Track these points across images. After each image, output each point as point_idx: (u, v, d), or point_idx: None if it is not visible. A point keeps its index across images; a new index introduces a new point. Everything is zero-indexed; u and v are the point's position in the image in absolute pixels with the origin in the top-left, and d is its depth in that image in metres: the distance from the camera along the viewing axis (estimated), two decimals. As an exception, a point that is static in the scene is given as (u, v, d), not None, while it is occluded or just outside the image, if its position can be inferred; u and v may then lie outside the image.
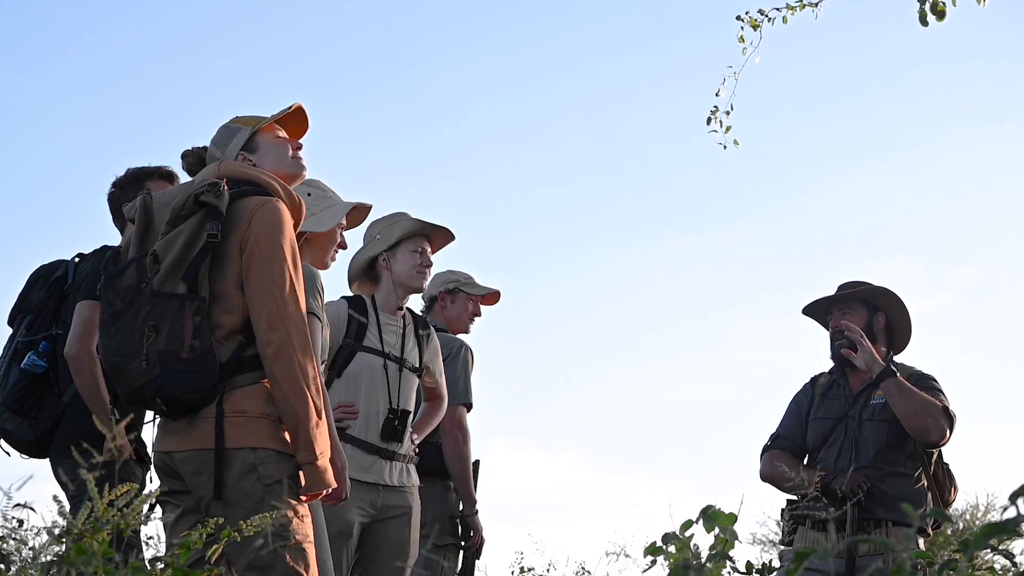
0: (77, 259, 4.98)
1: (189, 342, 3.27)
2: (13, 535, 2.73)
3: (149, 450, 3.60)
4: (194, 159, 3.76)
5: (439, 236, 5.17)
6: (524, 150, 18.15)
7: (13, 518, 2.91)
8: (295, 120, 3.82)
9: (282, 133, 3.78)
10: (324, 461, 3.43)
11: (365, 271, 5.12)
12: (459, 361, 5.53)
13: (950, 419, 5.06)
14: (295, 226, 3.57)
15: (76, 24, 16.45)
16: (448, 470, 5.52)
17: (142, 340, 3.28)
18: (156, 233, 3.44)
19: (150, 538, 8.12)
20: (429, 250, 5.11)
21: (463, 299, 5.93)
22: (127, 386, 3.35)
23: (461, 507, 5.59)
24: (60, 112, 17.05)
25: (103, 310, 3.43)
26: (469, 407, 5.56)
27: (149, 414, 3.60)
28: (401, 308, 5.05)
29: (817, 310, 5.47)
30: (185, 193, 3.39)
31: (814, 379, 5.50)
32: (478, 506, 5.60)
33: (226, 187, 3.42)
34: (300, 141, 3.82)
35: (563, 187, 18.13)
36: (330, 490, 3.51)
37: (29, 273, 5.08)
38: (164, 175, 4.99)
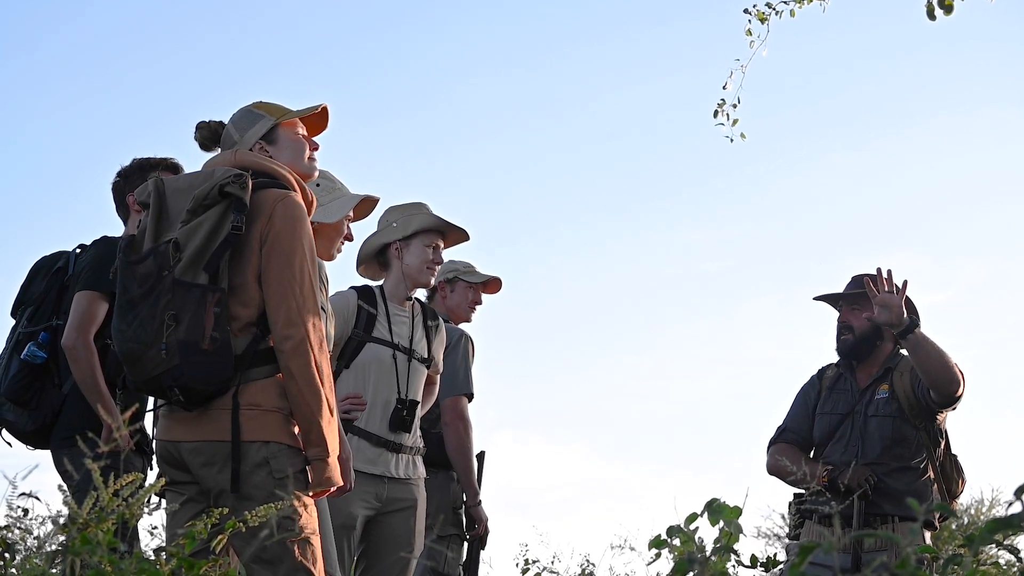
0: (78, 250, 4.97)
1: (210, 333, 3.27)
2: (18, 524, 2.74)
3: (150, 440, 3.59)
4: (209, 132, 3.72)
5: (453, 234, 5.16)
6: (532, 143, 18.13)
7: (18, 507, 2.92)
8: (315, 116, 3.80)
9: (302, 130, 3.75)
10: (334, 459, 3.44)
11: (375, 255, 5.11)
12: (459, 351, 5.51)
13: (962, 373, 5.04)
14: None
15: (74, 15, 16.45)
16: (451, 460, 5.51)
17: (162, 328, 3.27)
18: (169, 219, 3.44)
19: (154, 528, 8.11)
20: (442, 246, 5.10)
21: (462, 288, 5.92)
22: (142, 374, 3.34)
23: (464, 498, 5.58)
24: (61, 103, 17.06)
25: (119, 295, 3.41)
26: (470, 397, 5.54)
27: (149, 404, 3.58)
28: (410, 299, 5.05)
29: (829, 298, 5.46)
30: (209, 183, 3.37)
31: (821, 371, 5.48)
32: (482, 497, 5.59)
33: (250, 180, 3.41)
34: (317, 140, 3.81)
35: (570, 180, 18.12)
36: (334, 488, 3.52)
37: (31, 264, 5.07)
38: (169, 167, 4.97)
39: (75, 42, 16.67)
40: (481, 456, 5.64)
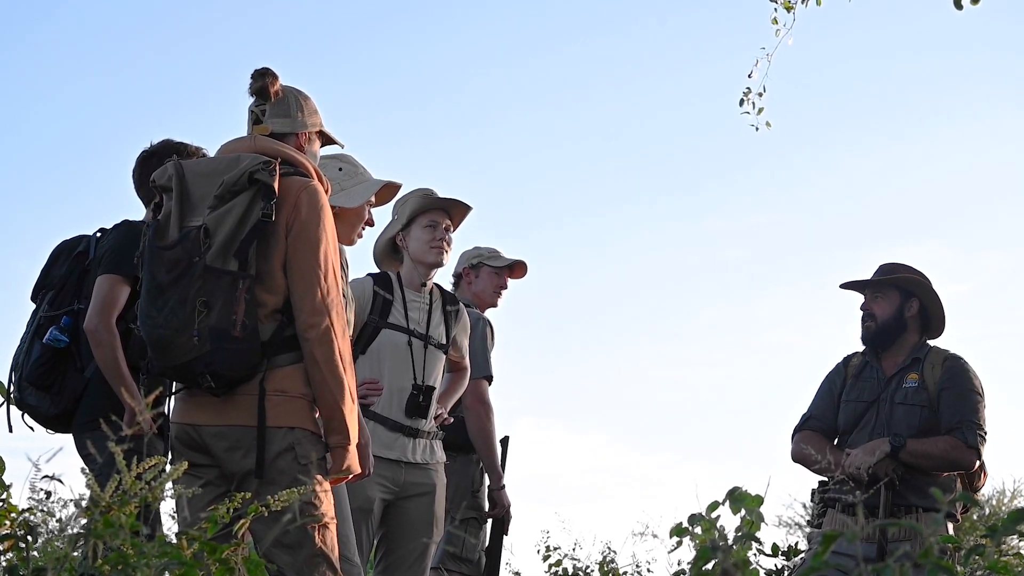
0: (99, 234, 4.97)
1: (241, 320, 3.29)
2: (41, 507, 2.74)
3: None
4: (260, 89, 3.66)
5: (458, 210, 5.14)
6: (558, 132, 18.11)
7: (41, 489, 2.93)
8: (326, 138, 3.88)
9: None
10: (354, 446, 3.47)
11: (390, 251, 5.13)
12: (477, 334, 5.50)
13: (975, 443, 5.00)
14: None
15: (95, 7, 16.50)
16: (472, 444, 5.50)
17: (193, 315, 3.29)
18: (191, 203, 3.44)
19: (176, 512, 8.13)
20: (447, 224, 5.07)
21: (487, 273, 5.90)
22: (172, 360, 3.35)
23: (487, 481, 5.57)
24: (81, 87, 17.11)
25: (146, 281, 3.42)
26: (490, 380, 5.54)
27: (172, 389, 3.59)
28: (426, 284, 5.04)
29: (856, 286, 5.43)
30: (238, 169, 3.38)
31: (847, 359, 5.44)
32: (505, 483, 5.57)
33: (278, 167, 3.42)
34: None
35: (595, 168, 18.11)
36: (351, 476, 3.55)
37: (51, 249, 5.07)
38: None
39: (98, 27, 16.72)
40: (505, 441, 5.63)
